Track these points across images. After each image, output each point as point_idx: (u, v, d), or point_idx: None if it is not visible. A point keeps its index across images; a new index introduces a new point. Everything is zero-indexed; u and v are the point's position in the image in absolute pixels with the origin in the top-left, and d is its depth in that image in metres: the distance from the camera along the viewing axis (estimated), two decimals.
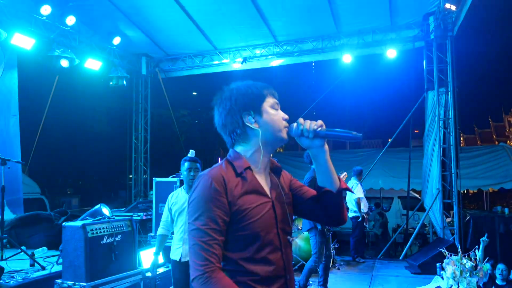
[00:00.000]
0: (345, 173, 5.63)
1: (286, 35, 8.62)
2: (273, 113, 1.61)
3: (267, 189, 1.60)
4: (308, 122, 1.56)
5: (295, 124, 1.59)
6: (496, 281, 3.68)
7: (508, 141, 33.28)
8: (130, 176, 10.35)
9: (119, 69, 8.75)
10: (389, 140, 9.99)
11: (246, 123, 1.58)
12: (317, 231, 5.01)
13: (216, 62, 9.34)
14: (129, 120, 10.21)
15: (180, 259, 3.58)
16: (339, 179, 1.66)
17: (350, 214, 7.64)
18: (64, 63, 7.32)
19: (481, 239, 3.71)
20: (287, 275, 1.56)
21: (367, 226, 7.83)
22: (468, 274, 3.41)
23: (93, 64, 8.19)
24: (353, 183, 7.73)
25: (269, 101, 1.62)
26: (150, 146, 10.20)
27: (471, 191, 17.58)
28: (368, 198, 12.59)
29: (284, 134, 1.60)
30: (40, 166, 12.02)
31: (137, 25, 8.26)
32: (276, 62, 9.05)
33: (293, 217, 1.76)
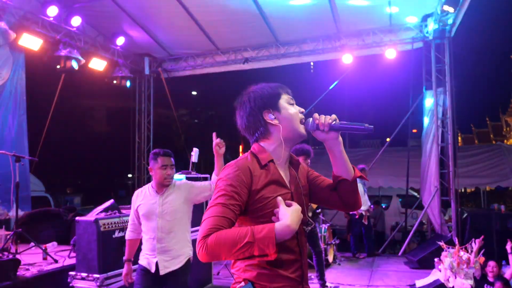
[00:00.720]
0: None
1: (287, 36, 8.77)
2: (290, 108, 1.74)
3: (287, 181, 1.73)
4: (323, 116, 1.69)
5: (310, 119, 1.72)
6: (488, 279, 3.83)
7: (505, 141, 33.50)
8: (129, 175, 10.47)
9: (122, 69, 8.90)
10: (387, 139, 10.15)
11: (268, 121, 1.71)
12: None
13: (218, 62, 9.48)
14: (132, 119, 10.35)
15: (156, 271, 3.04)
16: (354, 167, 1.79)
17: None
18: (70, 63, 7.46)
19: (476, 240, 3.85)
20: (302, 260, 1.70)
21: (366, 223, 7.98)
22: (465, 265, 3.58)
23: (97, 64, 8.34)
24: None
25: (284, 97, 1.76)
26: (152, 145, 10.33)
27: (468, 190, 17.78)
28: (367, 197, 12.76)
29: (302, 129, 1.73)
30: (44, 165, 12.14)
31: (140, 25, 8.40)
32: (277, 62, 9.20)
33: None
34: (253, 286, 1.61)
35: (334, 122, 1.68)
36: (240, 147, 22.20)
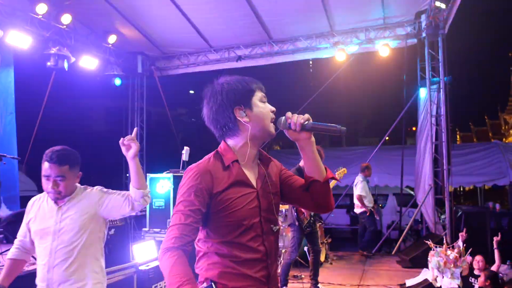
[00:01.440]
0: (344, 168, 5.72)
1: (280, 34, 8.71)
2: (262, 106, 1.69)
3: (253, 180, 1.69)
4: (295, 116, 1.65)
5: (283, 118, 1.67)
6: (474, 272, 3.78)
7: (504, 139, 33.46)
8: (128, 175, 10.40)
9: (115, 68, 8.83)
10: (386, 138, 10.07)
11: (238, 118, 1.66)
12: (295, 226, 5.16)
13: (211, 60, 9.42)
14: (125, 118, 10.28)
15: None
16: (326, 168, 1.75)
17: (358, 210, 7.75)
18: (60, 62, 7.38)
19: (459, 234, 3.80)
20: (268, 260, 1.66)
21: (377, 218, 8.02)
22: (452, 265, 3.51)
23: (88, 63, 8.26)
24: (357, 180, 7.84)
25: (258, 95, 1.71)
26: (147, 145, 10.27)
27: (467, 188, 17.74)
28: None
29: (272, 128, 1.70)
30: (38, 164, 12.06)
31: (132, 23, 8.33)
32: (271, 60, 9.14)
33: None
34: (215, 285, 1.58)
35: (306, 122, 1.64)
36: None
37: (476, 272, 3.69)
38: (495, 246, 4.27)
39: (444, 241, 3.72)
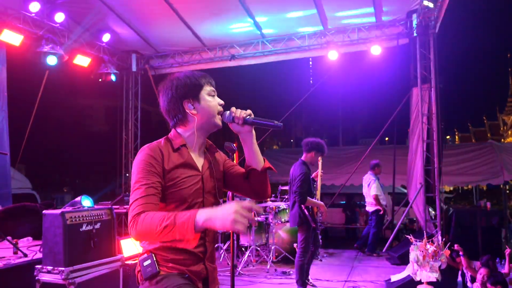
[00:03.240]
0: (321, 172, 5.45)
1: (273, 33, 8.77)
2: (209, 99, 1.86)
3: (199, 165, 1.87)
4: (239, 110, 1.85)
5: (228, 112, 1.86)
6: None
7: (502, 139, 33.49)
8: (128, 175, 10.46)
9: (108, 66, 8.88)
10: (386, 138, 10.14)
11: (186, 110, 1.83)
12: (308, 227, 4.80)
13: (204, 58, 9.47)
14: (119, 117, 10.33)
15: None
16: (264, 160, 1.95)
17: (371, 209, 7.74)
18: (53, 60, 7.42)
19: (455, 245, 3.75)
20: (206, 237, 1.83)
21: (388, 219, 8.04)
22: (431, 258, 3.56)
23: (82, 61, 8.32)
24: (370, 179, 7.85)
25: (206, 89, 1.87)
26: (141, 144, 10.30)
27: (466, 187, 17.79)
28: (359, 194, 12.74)
29: (218, 120, 1.87)
30: (34, 163, 12.12)
31: (126, 22, 8.37)
32: (264, 59, 9.19)
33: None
34: (155, 257, 1.74)
35: (248, 116, 1.83)
36: (234, 145, 22.15)
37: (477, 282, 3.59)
38: (507, 259, 4.18)
39: (424, 235, 3.76)
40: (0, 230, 4.77)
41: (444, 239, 3.66)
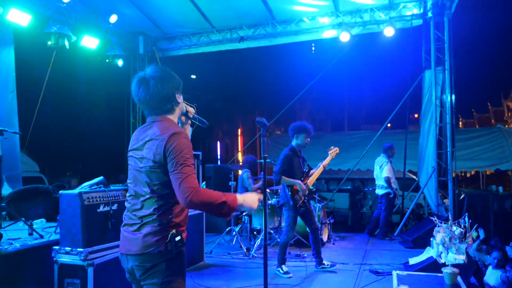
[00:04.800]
0: (336, 148, 5.58)
1: (283, 14, 8.59)
2: (180, 96, 2.32)
3: None
4: (189, 106, 2.43)
5: (184, 106, 2.39)
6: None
7: (506, 126, 33.30)
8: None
9: (116, 48, 8.72)
10: (388, 125, 10.00)
11: (178, 101, 2.25)
12: (289, 206, 5.13)
13: (213, 41, 9.30)
14: (127, 100, 10.22)
15: None
16: None
17: (381, 192, 7.67)
18: (61, 40, 7.28)
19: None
20: None
21: (398, 201, 7.98)
22: (458, 240, 3.49)
23: (89, 42, 8.17)
24: (382, 161, 7.75)
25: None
26: None
27: (468, 173, 17.71)
28: (366, 180, 12.67)
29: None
30: (40, 146, 12.04)
31: (134, 3, 8.20)
32: (274, 41, 9.03)
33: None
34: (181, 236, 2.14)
35: (194, 113, 2.50)
36: (239, 130, 22.11)
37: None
38: None
39: (450, 218, 3.68)
40: (14, 211, 4.71)
41: (470, 221, 3.57)
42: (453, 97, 7.77)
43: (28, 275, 3.73)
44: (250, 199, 2.16)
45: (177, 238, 2.08)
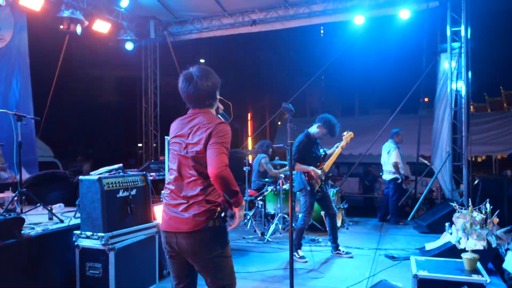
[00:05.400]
0: (351, 132, 5.55)
1: None
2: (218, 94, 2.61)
3: None
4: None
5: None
6: None
7: None
8: (140, 145, 10.43)
9: (127, 32, 8.68)
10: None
11: (218, 97, 2.57)
12: (306, 191, 5.12)
13: (224, 24, 9.21)
14: (139, 85, 10.22)
15: None
16: None
17: (388, 177, 7.64)
18: (73, 25, 7.25)
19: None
20: None
21: (405, 187, 7.92)
22: (478, 226, 3.47)
23: (101, 27, 8.12)
24: (390, 147, 7.71)
25: None
26: (161, 116, 10.21)
27: (479, 158, 17.53)
28: (377, 164, 12.62)
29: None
30: (53, 132, 12.12)
31: None
32: (286, 24, 8.90)
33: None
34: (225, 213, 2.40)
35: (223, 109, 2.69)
36: (249, 114, 22.05)
37: None
38: None
39: (470, 203, 3.65)
40: (34, 196, 4.76)
41: (492, 207, 3.54)
42: (469, 81, 7.65)
43: (50, 259, 3.79)
44: (242, 211, 2.41)
45: (222, 215, 2.36)
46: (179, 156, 2.43)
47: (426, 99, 11.89)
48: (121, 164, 4.13)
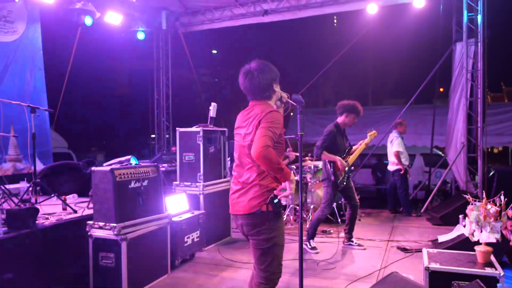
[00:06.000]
0: (374, 131, 5.55)
1: None
2: (277, 85, 2.75)
3: None
4: (285, 93, 2.81)
5: (279, 93, 2.78)
6: None
7: None
8: (153, 136, 10.50)
9: (139, 24, 8.69)
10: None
11: (275, 89, 2.70)
12: (330, 182, 5.08)
13: (236, 15, 9.15)
14: (151, 76, 10.25)
15: None
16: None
17: (392, 168, 7.57)
18: (85, 18, 7.27)
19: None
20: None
21: (410, 178, 7.85)
22: (492, 219, 3.41)
23: (113, 18, 8.14)
24: (393, 137, 7.64)
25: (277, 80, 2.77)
26: (173, 107, 10.25)
27: (496, 149, 17.27)
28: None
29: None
30: (66, 123, 12.27)
31: None
32: (298, 14, 8.79)
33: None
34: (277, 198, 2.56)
35: (287, 97, 2.82)
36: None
37: None
38: None
39: (484, 196, 3.59)
40: (48, 186, 4.84)
41: (506, 199, 3.48)
42: (485, 70, 7.48)
43: (64, 248, 3.86)
44: (294, 183, 2.56)
45: (275, 201, 2.51)
46: (239, 145, 2.70)
47: (441, 89, 11.71)
48: (130, 156, 4.16)
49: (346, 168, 5.12)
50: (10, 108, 5.11)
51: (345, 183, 5.15)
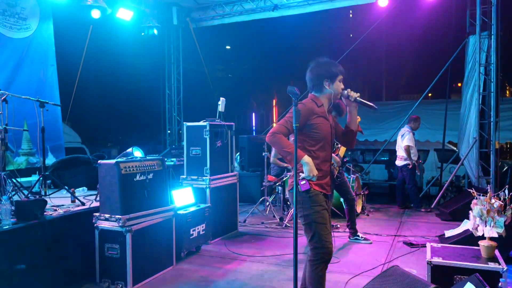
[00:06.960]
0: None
1: None
2: (339, 84, 2.99)
3: (329, 118, 3.04)
4: (352, 92, 2.98)
5: (346, 91, 2.98)
6: None
7: None
8: (169, 132, 10.61)
9: (150, 19, 8.77)
10: (429, 94, 9.62)
11: (324, 85, 2.96)
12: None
13: (246, 10, 9.16)
14: (162, 72, 10.35)
15: None
16: (358, 125, 3.21)
17: (400, 163, 7.54)
18: (96, 13, 7.38)
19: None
20: (329, 162, 3.04)
21: (418, 174, 7.78)
22: (496, 213, 3.37)
23: (124, 14, 8.23)
24: (405, 131, 7.59)
25: (340, 77, 2.99)
26: (184, 102, 10.33)
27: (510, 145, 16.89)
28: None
29: (337, 97, 3.03)
30: (82, 118, 12.47)
31: None
32: (308, 8, 8.75)
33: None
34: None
35: (357, 97, 2.97)
36: (274, 101, 21.99)
37: None
38: None
39: (489, 190, 3.54)
40: (58, 180, 4.95)
41: (511, 194, 3.43)
42: (499, 64, 7.34)
43: (71, 239, 3.95)
44: (312, 165, 2.73)
45: (303, 182, 2.77)
46: None
47: (459, 84, 11.52)
48: (131, 149, 4.24)
49: (340, 163, 5.14)
50: (24, 103, 5.22)
51: (339, 179, 5.16)
